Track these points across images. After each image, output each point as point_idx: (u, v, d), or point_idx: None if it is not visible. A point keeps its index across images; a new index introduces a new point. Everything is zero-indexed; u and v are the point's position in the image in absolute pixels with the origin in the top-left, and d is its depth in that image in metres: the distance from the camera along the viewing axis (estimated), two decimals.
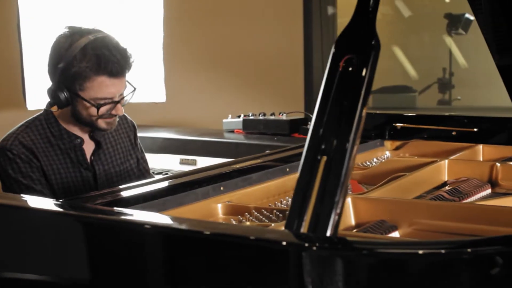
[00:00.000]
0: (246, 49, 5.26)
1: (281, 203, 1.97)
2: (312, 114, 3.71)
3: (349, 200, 1.72)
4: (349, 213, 1.72)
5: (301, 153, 2.46)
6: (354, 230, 1.66)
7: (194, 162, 3.69)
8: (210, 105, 4.95)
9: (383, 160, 2.64)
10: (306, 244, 1.03)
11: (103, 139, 2.32)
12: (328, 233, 1.05)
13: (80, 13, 3.74)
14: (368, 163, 2.57)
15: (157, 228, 1.29)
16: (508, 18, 1.68)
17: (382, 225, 1.66)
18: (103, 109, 2.16)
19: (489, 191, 2.11)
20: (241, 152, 3.54)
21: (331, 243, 1.04)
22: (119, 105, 2.19)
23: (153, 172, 2.68)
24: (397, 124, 2.77)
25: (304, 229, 1.06)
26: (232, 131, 3.81)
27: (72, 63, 2.10)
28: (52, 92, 2.15)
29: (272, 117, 3.69)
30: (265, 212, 1.80)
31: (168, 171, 3.52)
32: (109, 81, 2.13)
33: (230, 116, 3.85)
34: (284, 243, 1.04)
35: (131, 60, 2.18)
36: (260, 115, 3.71)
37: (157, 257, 1.25)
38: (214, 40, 5.01)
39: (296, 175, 2.26)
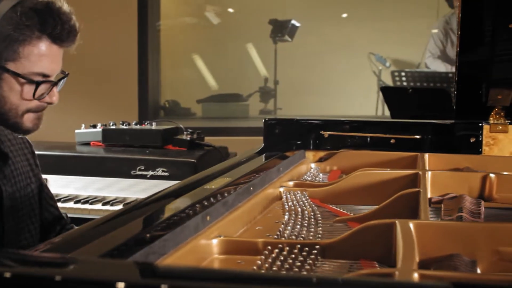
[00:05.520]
0: (79, 55, 4.73)
1: (281, 234, 1.50)
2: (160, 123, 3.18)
3: (410, 226, 1.33)
4: (412, 245, 1.31)
5: (260, 169, 2.03)
6: (432, 268, 1.27)
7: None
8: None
9: (318, 174, 2.27)
10: None
11: (9, 152, 1.69)
12: None
13: None
14: (309, 178, 2.19)
15: None
16: None
17: (461, 261, 1.28)
18: (41, 89, 1.58)
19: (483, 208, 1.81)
20: (107, 168, 2.96)
21: None
22: (55, 90, 1.62)
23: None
24: (324, 132, 2.42)
25: None
26: (87, 144, 3.20)
27: (2, 24, 1.49)
28: None
29: (139, 127, 3.14)
30: (287, 247, 1.34)
31: None
32: (50, 50, 1.57)
33: (83, 126, 3.23)
34: None
35: (77, 27, 1.61)
36: (125, 124, 3.15)
37: None
38: None
39: (262, 196, 1.85)
